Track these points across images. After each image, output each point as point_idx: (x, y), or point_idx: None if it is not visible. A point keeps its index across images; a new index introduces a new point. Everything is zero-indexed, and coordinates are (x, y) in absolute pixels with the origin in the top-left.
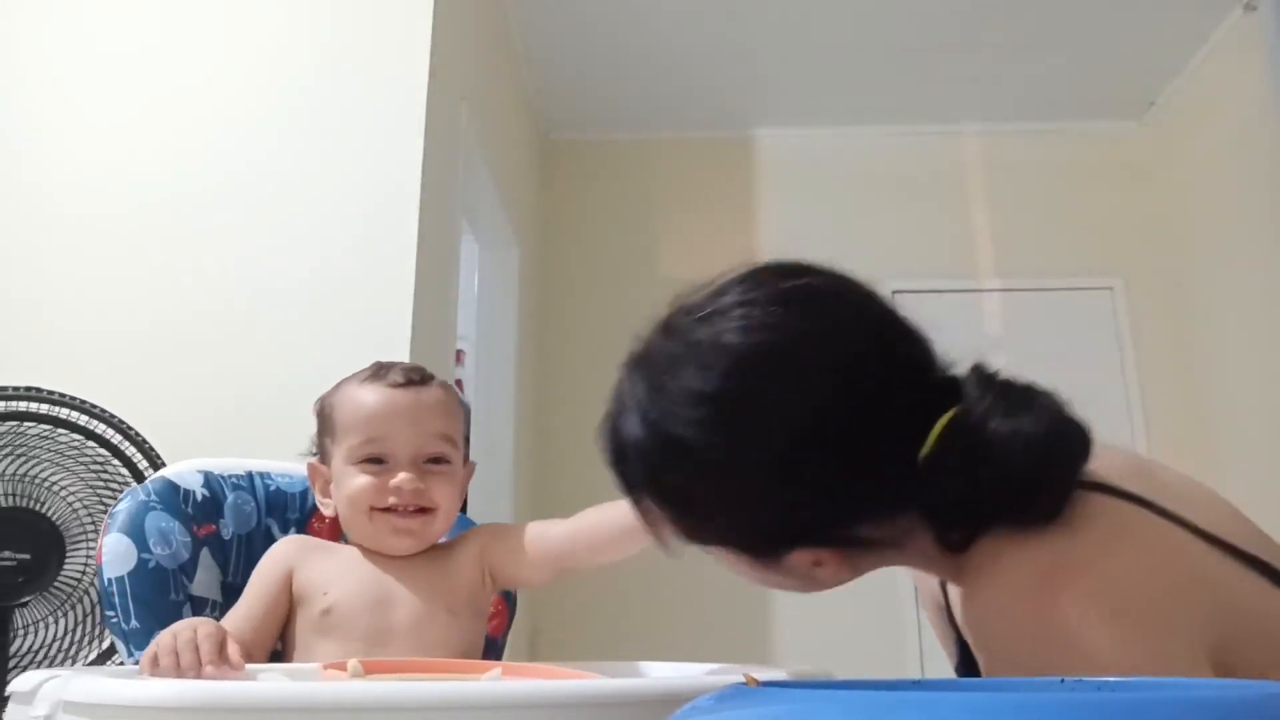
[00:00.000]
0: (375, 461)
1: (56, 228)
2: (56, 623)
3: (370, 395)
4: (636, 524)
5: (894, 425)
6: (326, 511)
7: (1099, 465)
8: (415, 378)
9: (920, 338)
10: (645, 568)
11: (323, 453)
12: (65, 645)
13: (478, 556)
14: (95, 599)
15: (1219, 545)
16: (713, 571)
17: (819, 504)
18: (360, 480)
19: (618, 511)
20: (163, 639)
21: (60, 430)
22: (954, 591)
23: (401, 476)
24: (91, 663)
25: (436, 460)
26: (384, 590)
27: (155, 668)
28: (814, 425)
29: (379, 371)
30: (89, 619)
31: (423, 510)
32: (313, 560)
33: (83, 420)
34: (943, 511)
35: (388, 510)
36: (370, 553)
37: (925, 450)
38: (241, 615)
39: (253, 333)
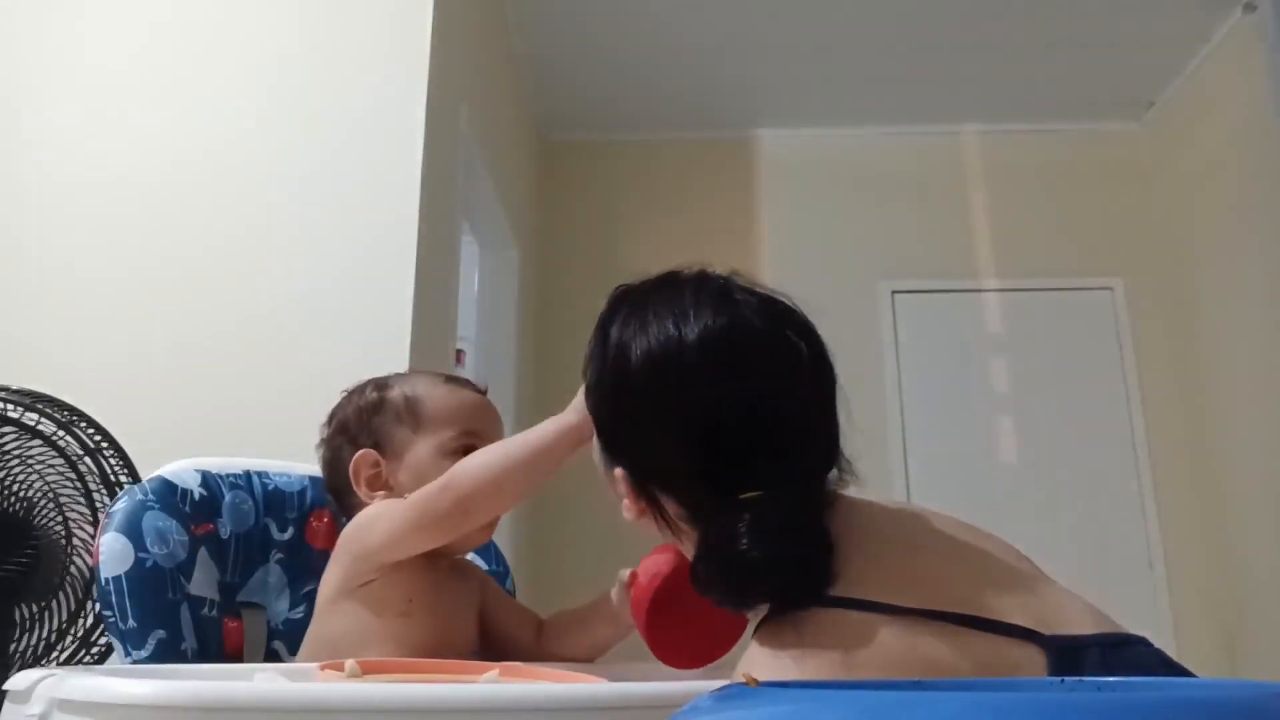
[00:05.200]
0: (466, 453)
1: (53, 225)
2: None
3: (465, 394)
4: (596, 638)
5: (735, 468)
6: (378, 501)
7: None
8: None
9: (829, 432)
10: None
11: (385, 444)
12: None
13: (480, 590)
14: (74, 602)
15: (928, 615)
16: None
17: (648, 456)
18: None
19: (578, 631)
20: None
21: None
22: None
23: None
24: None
25: None
26: (448, 594)
27: None
28: (695, 415)
29: (453, 378)
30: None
31: None
32: None
33: (35, 419)
34: (698, 555)
35: None
36: (426, 558)
37: (739, 498)
38: None
39: (252, 333)
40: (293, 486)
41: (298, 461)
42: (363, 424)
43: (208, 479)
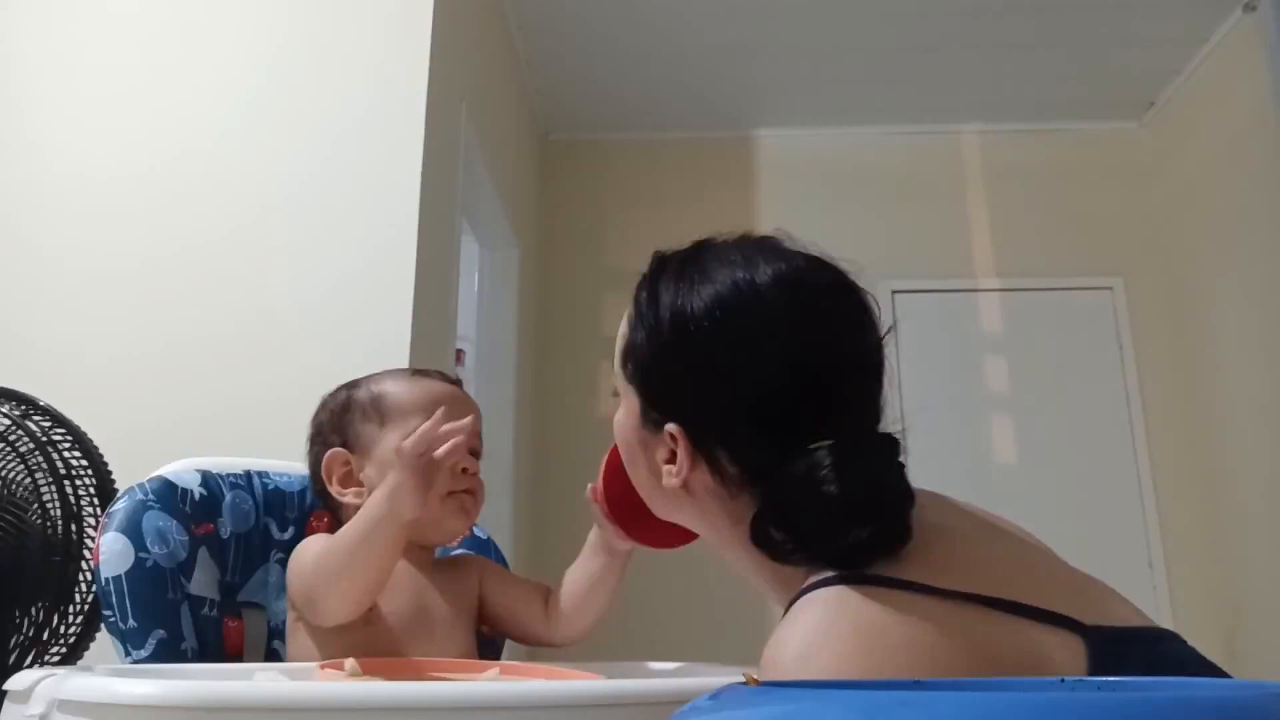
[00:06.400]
0: None
1: (52, 226)
2: None
3: (430, 385)
4: (595, 571)
5: (812, 414)
6: (351, 500)
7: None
8: (455, 380)
9: (875, 367)
10: (646, 569)
11: (354, 442)
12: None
13: (477, 582)
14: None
15: (969, 599)
16: (714, 572)
17: (714, 407)
18: None
19: (577, 572)
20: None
21: None
22: None
23: (470, 460)
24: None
25: (474, 454)
26: (422, 595)
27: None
28: (774, 357)
29: (420, 371)
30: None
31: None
32: None
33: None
34: (766, 508)
35: (454, 493)
36: (402, 557)
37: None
38: None
39: (252, 333)
40: (293, 486)
41: (298, 461)
42: (334, 425)
43: (208, 479)
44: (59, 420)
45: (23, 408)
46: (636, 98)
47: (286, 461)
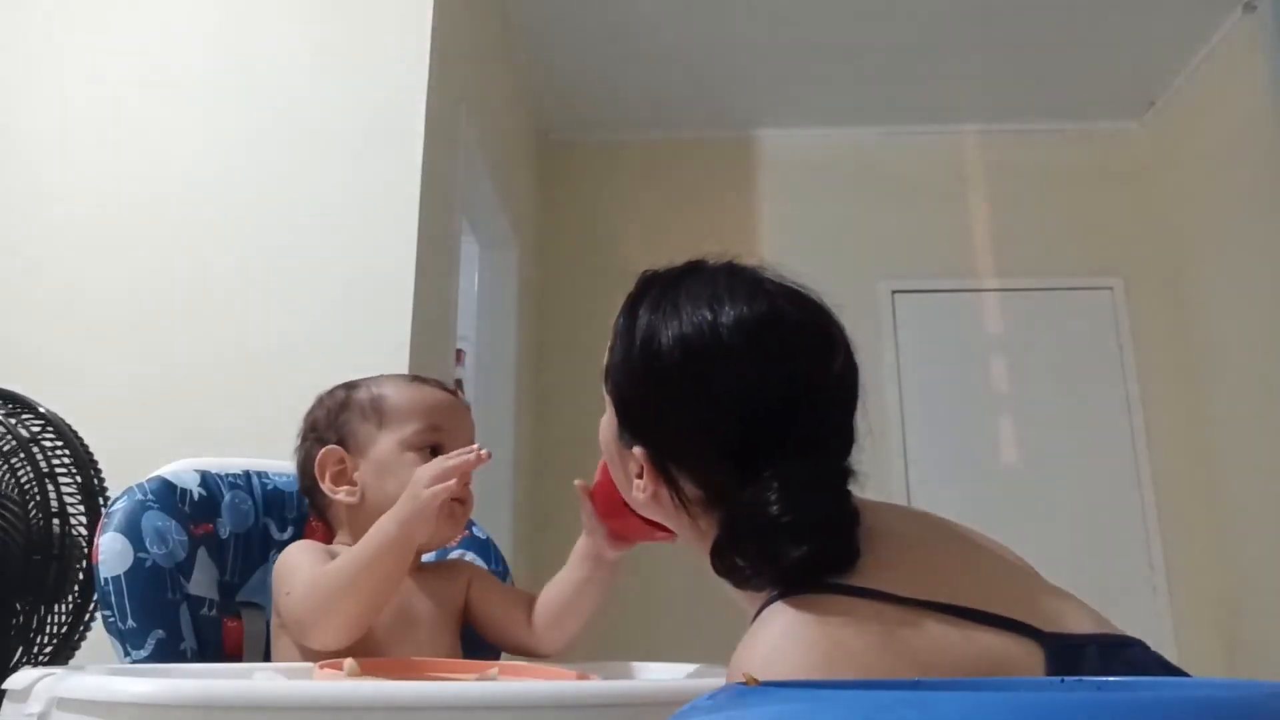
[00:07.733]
0: (433, 450)
1: (51, 225)
2: None
3: (428, 390)
4: (580, 580)
5: (764, 449)
6: (343, 498)
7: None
8: (452, 390)
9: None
10: (644, 569)
11: (350, 440)
12: None
13: (465, 586)
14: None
15: (926, 605)
16: (711, 572)
17: (673, 436)
18: None
19: (562, 581)
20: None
21: None
22: None
23: None
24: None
25: None
26: (407, 598)
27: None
28: (728, 397)
29: (419, 378)
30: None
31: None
32: None
33: None
34: (724, 532)
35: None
36: None
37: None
38: None
39: (253, 333)
40: (292, 486)
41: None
42: (330, 423)
43: (207, 479)
44: (50, 421)
45: (10, 407)
46: (637, 97)
47: (286, 462)
